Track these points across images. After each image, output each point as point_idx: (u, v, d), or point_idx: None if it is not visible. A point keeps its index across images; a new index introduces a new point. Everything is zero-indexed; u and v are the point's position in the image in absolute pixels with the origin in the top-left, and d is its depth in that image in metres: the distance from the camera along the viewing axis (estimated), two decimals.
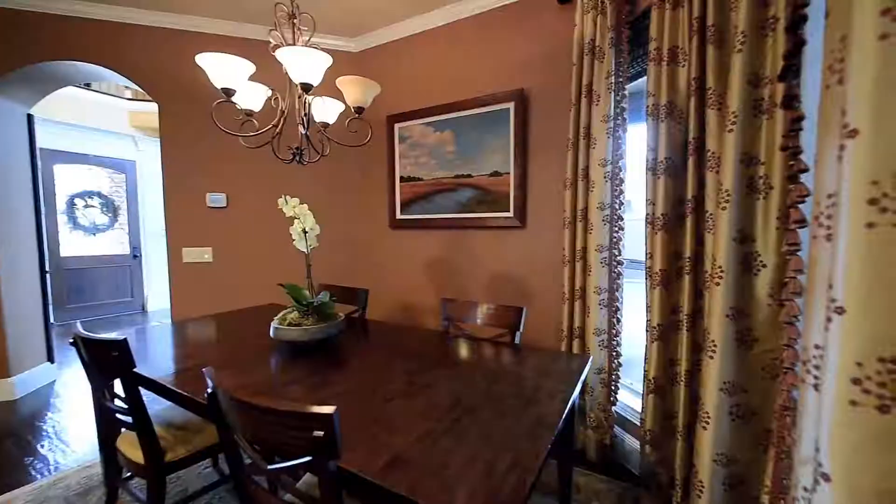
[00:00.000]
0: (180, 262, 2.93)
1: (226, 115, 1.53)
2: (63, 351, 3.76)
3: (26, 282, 2.97)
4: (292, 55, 1.24)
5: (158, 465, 1.34)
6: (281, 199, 1.47)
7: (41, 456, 2.12)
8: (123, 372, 1.27)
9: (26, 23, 2.61)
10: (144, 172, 5.70)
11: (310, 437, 0.75)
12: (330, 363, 1.44)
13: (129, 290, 5.74)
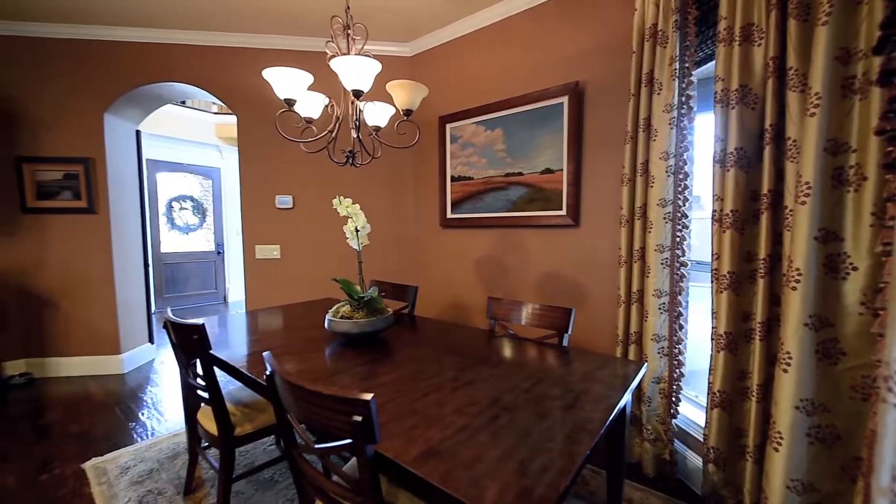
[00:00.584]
0: (254, 257, 3.24)
1: (288, 124, 1.67)
2: (161, 333, 4.35)
3: (133, 274, 3.48)
4: (345, 64, 1.33)
5: (229, 437, 1.50)
6: (335, 200, 1.57)
7: (141, 422, 2.48)
8: (201, 353, 1.44)
9: (135, 52, 3.06)
10: (227, 178, 6.37)
11: (350, 420, 0.79)
12: (377, 355, 1.51)
13: (213, 283, 6.45)
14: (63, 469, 1.97)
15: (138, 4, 2.66)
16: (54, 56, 3.01)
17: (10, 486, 1.84)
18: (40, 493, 1.79)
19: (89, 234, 3.17)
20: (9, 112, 2.99)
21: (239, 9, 2.70)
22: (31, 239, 3.10)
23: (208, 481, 1.84)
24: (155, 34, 3.02)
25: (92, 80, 3.05)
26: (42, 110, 3.05)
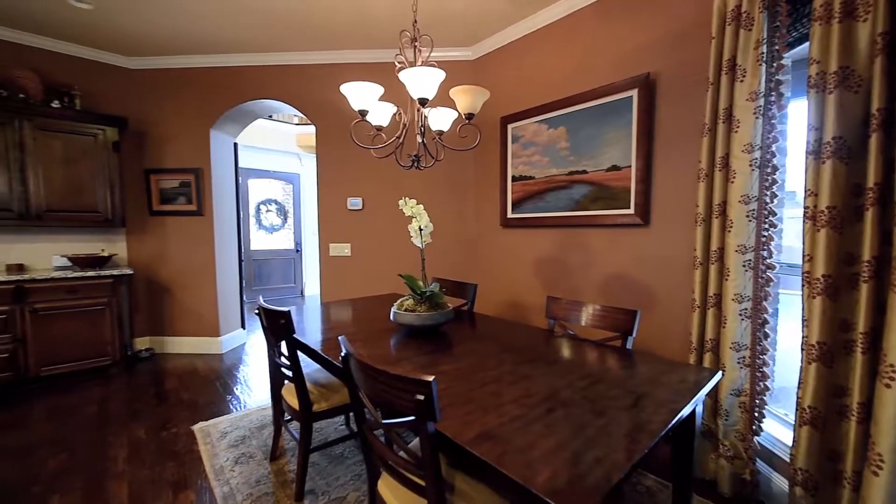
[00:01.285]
0: (328, 255, 3.55)
1: (361, 132, 1.83)
2: (250, 320, 4.94)
3: (230, 268, 4.00)
4: (412, 75, 1.43)
5: (308, 412, 1.69)
6: (401, 201, 1.69)
7: (236, 396, 2.85)
8: (287, 336, 1.64)
9: (235, 75, 3.52)
10: (305, 183, 6.99)
11: (413, 399, 0.88)
12: (437, 346, 1.60)
13: (292, 278, 7.12)
14: (178, 429, 2.36)
15: (238, 36, 3.07)
16: (173, 83, 3.59)
17: (142, 438, 2.25)
18: (162, 446, 2.17)
19: (197, 233, 3.72)
20: (141, 132, 3.63)
21: (320, 30, 2.98)
22: (155, 237, 3.72)
23: (289, 451, 2.08)
24: (250, 58, 3.45)
25: (201, 102, 3.58)
26: (163, 129, 3.64)
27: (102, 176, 3.29)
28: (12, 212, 2.97)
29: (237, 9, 2.72)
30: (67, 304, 3.02)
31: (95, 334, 3.15)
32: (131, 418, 2.49)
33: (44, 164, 3.05)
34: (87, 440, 2.23)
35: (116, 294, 3.22)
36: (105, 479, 1.88)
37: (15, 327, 2.84)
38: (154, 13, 2.79)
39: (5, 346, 2.81)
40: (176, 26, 2.97)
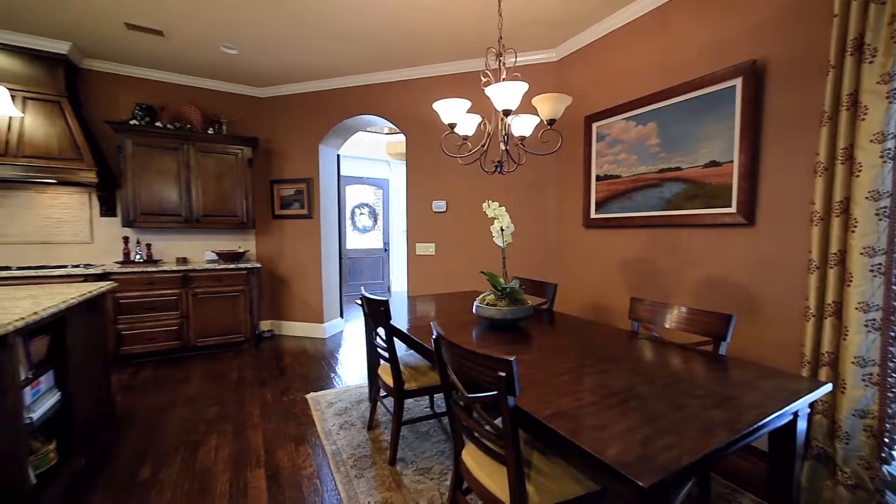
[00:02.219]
0: (415, 254, 3.86)
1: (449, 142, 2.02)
2: (348, 310, 5.56)
3: (331, 265, 4.57)
4: (497, 90, 1.56)
5: (401, 389, 1.94)
6: (485, 203, 1.84)
7: (337, 374, 3.29)
8: (385, 322, 1.90)
9: (340, 95, 4.03)
10: (394, 188, 7.57)
11: (496, 375, 1.01)
12: (516, 339, 1.71)
13: (381, 275, 7.75)
14: (295, 396, 2.82)
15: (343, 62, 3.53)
16: (291, 107, 4.24)
17: (269, 400, 2.75)
18: (283, 409, 2.62)
19: (307, 234, 4.33)
20: (268, 149, 4.35)
21: (412, 49, 3.29)
22: (276, 236, 4.43)
23: (383, 423, 2.37)
24: (352, 80, 3.93)
25: (312, 121, 4.17)
26: (283, 146, 4.32)
27: (240, 187, 4.03)
28: (181, 216, 3.82)
29: (345, 42, 3.15)
30: (215, 289, 3.78)
31: (234, 315, 3.88)
32: (260, 385, 3.05)
33: (202, 179, 3.87)
34: (231, 398, 2.80)
35: (249, 283, 3.93)
36: (246, 428, 2.36)
37: (181, 306, 3.66)
38: (281, 51, 3.37)
39: (175, 320, 3.64)
40: (296, 60, 3.54)
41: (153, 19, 2.88)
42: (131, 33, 3.08)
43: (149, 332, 3.53)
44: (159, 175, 3.71)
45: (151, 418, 2.49)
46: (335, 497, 1.75)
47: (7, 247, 3.44)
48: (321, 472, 1.94)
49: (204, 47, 3.32)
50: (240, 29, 3.01)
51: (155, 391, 2.92)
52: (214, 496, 1.76)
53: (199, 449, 2.13)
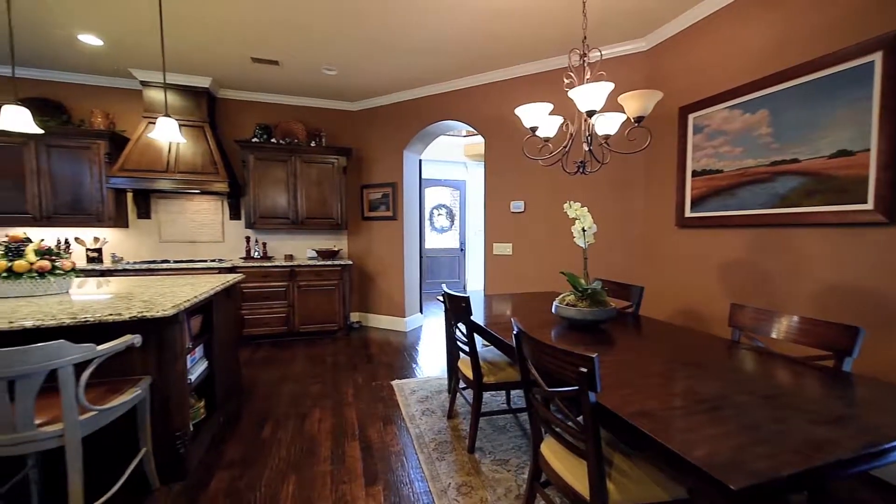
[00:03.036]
0: (492, 254, 3.94)
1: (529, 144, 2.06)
2: (427, 306, 5.86)
3: (413, 263, 4.86)
4: (581, 93, 1.57)
5: (480, 382, 2.04)
6: (566, 204, 1.85)
7: (418, 364, 3.52)
8: (466, 318, 2.02)
9: (422, 104, 4.28)
10: (470, 189, 7.73)
11: (577, 371, 1.05)
12: (597, 340, 1.70)
13: (457, 274, 7.97)
14: (382, 382, 3.10)
15: (423, 73, 3.75)
16: (378, 117, 4.61)
17: (360, 384, 3.06)
18: (372, 392, 2.90)
19: (391, 234, 4.67)
20: (359, 157, 4.80)
21: (491, 53, 3.38)
22: (364, 236, 4.86)
23: (461, 414, 2.50)
24: (433, 88, 4.15)
25: (397, 129, 4.49)
26: (372, 153, 4.72)
27: (335, 192, 4.51)
28: (288, 219, 4.41)
29: (426, 55, 3.35)
30: (315, 283, 4.29)
31: (329, 307, 4.36)
32: (352, 370, 3.40)
33: (305, 185, 4.41)
34: (329, 378, 3.18)
35: (342, 278, 4.37)
36: (342, 405, 2.67)
37: (288, 297, 4.22)
38: (371, 69, 3.71)
39: (283, 309, 4.21)
40: (384, 75, 3.86)
41: (272, 52, 3.39)
42: (255, 65, 3.66)
43: (264, 318, 4.14)
44: (273, 184, 4.32)
45: (268, 389, 2.95)
46: (419, 474, 1.91)
47: (168, 244, 4.32)
48: (406, 450, 2.12)
49: (309, 71, 3.80)
50: (338, 53, 3.39)
51: (269, 367, 3.44)
52: (320, 458, 2.04)
53: (306, 419, 2.48)
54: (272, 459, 2.03)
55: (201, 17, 2.83)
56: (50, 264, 1.89)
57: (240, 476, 1.90)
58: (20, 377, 1.18)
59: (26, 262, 1.82)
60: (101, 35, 3.12)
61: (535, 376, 1.31)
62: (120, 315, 1.53)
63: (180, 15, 2.81)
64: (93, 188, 3.82)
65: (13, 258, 1.82)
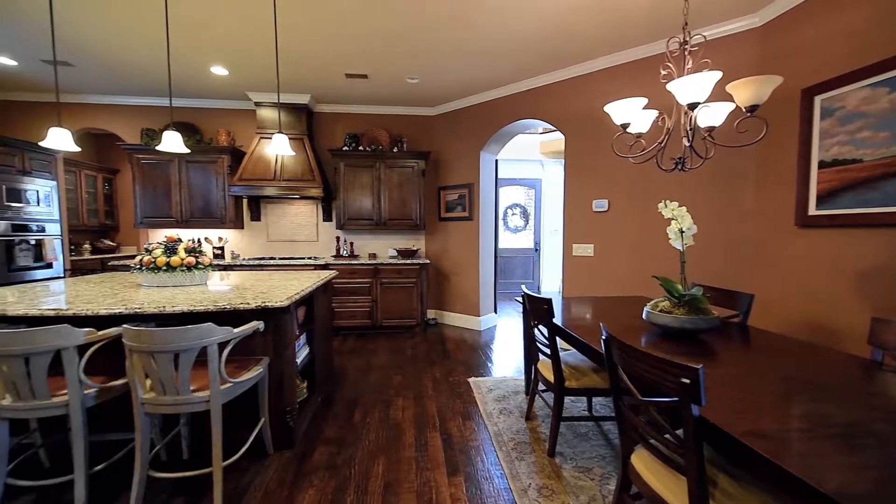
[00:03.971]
0: (571, 254, 3.81)
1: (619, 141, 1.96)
2: (502, 306, 5.86)
3: (488, 262, 4.89)
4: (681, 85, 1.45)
5: (562, 387, 2.00)
6: (661, 204, 1.73)
7: (493, 363, 3.55)
8: (547, 320, 2.00)
9: (497, 105, 4.30)
10: (546, 187, 7.53)
11: (678, 382, 1.00)
12: (694, 351, 1.56)
13: (531, 274, 7.82)
14: (458, 378, 3.19)
15: (500, 74, 3.76)
16: (456, 121, 4.73)
17: (438, 378, 3.19)
18: (450, 387, 3.01)
19: (467, 234, 4.76)
20: (437, 160, 4.98)
21: (571, 48, 3.27)
22: (441, 237, 5.03)
23: (540, 416, 2.47)
24: (508, 89, 4.14)
25: (474, 131, 4.56)
26: (449, 156, 4.86)
27: (415, 194, 4.74)
28: (372, 220, 4.74)
29: (503, 55, 3.36)
30: (396, 280, 4.55)
31: (408, 303, 4.60)
32: (430, 364, 3.55)
33: (388, 189, 4.70)
34: (410, 370, 3.37)
35: (420, 277, 4.58)
36: (422, 397, 2.81)
37: (372, 293, 4.54)
38: (450, 74, 3.82)
39: (367, 303, 4.54)
40: (461, 79, 3.95)
41: (362, 67, 3.69)
42: (347, 80, 4.01)
43: (350, 311, 4.52)
44: (360, 188, 4.69)
45: (356, 376, 3.22)
46: (499, 470, 1.95)
47: (273, 243, 4.94)
48: (485, 446, 2.17)
49: (394, 82, 4.05)
50: (421, 62, 3.56)
51: (356, 356, 3.74)
52: (405, 444, 2.19)
53: (391, 406, 2.66)
54: (363, 441, 2.23)
55: (307, 44, 3.19)
56: (195, 260, 2.30)
57: (337, 452, 2.12)
58: (183, 351, 1.47)
59: (179, 258, 2.25)
60: (227, 66, 3.69)
61: (626, 384, 1.26)
62: (248, 304, 1.82)
63: (290, 46, 3.20)
64: (218, 196, 4.52)
65: (170, 255, 2.25)
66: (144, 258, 2.23)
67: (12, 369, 1.43)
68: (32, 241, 4.22)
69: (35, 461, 1.94)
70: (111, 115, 4.65)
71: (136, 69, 3.79)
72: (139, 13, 2.77)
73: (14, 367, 1.43)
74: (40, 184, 4.29)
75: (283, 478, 1.89)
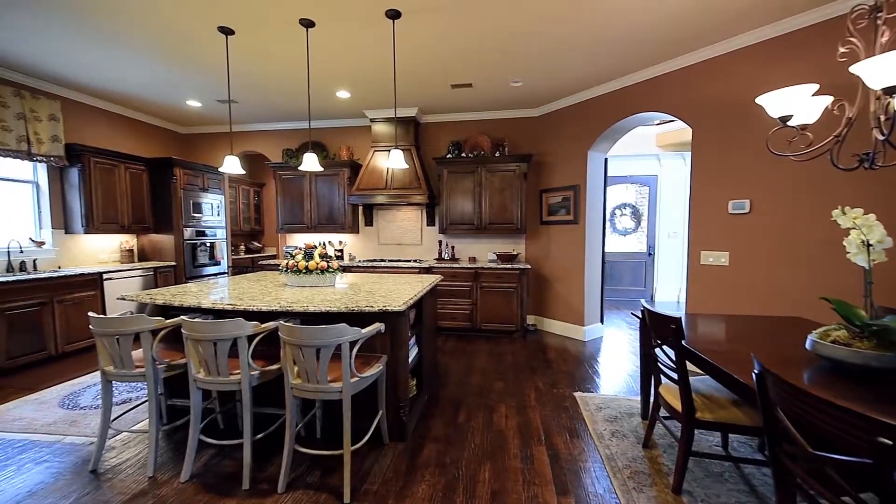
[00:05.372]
0: (697, 262, 3.35)
1: (776, 137, 1.65)
2: (608, 315, 5.45)
3: (594, 268, 4.58)
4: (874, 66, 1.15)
5: (691, 417, 1.77)
6: (836, 210, 1.41)
7: (600, 377, 3.31)
8: (675, 342, 1.79)
9: (607, 100, 3.99)
10: (663, 184, 6.74)
11: (872, 441, 0.80)
12: (887, 398, 1.23)
13: (642, 281, 7.08)
14: (563, 391, 3.06)
15: (610, 65, 3.48)
16: (561, 120, 4.54)
17: (540, 388, 3.10)
18: (554, 400, 2.90)
19: (571, 238, 4.53)
20: (539, 162, 4.85)
21: (700, 28, 2.86)
22: (542, 240, 4.88)
23: (661, 445, 2.23)
24: (621, 81, 3.80)
25: (581, 130, 4.32)
26: (553, 157, 4.69)
27: (516, 198, 4.69)
28: (473, 225, 4.83)
29: (618, 42, 3.10)
30: (495, 285, 4.57)
31: (507, 308, 4.57)
32: (531, 372, 3.47)
33: (489, 193, 4.75)
34: (511, 377, 3.34)
35: (520, 282, 4.51)
36: (526, 407, 2.77)
37: (472, 296, 4.63)
38: (555, 72, 3.68)
39: (467, 307, 4.64)
40: (566, 77, 3.77)
41: (467, 77, 3.79)
42: (452, 91, 4.16)
43: (451, 312, 4.68)
44: (461, 193, 4.82)
45: (458, 378, 3.32)
46: (614, 498, 1.81)
47: (383, 246, 5.39)
48: (595, 469, 2.04)
49: (497, 87, 4.08)
50: (525, 65, 3.51)
51: (457, 357, 3.86)
52: (510, 453, 2.18)
53: (493, 413, 2.68)
54: (469, 444, 2.29)
55: (417, 62, 3.41)
56: (326, 264, 2.64)
57: (444, 451, 2.21)
58: (323, 347, 1.70)
59: (315, 263, 2.60)
60: (350, 89, 4.15)
61: (790, 432, 1.06)
62: (372, 308, 2.02)
63: (403, 65, 3.46)
64: (339, 204, 5.11)
65: (308, 260, 2.62)
66: (290, 262, 2.63)
67: (206, 351, 1.82)
68: (208, 244, 5.32)
69: (213, 423, 2.45)
70: (261, 139, 5.61)
71: (282, 100, 4.50)
72: (288, 56, 3.29)
73: (207, 349, 1.82)
74: (213, 198, 5.40)
75: (399, 468, 2.05)
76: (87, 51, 3.24)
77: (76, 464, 2.08)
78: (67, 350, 3.75)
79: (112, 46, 3.16)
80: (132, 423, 2.48)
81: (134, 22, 2.77)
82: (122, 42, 3.08)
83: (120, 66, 3.55)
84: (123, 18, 2.72)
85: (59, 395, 2.96)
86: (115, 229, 4.49)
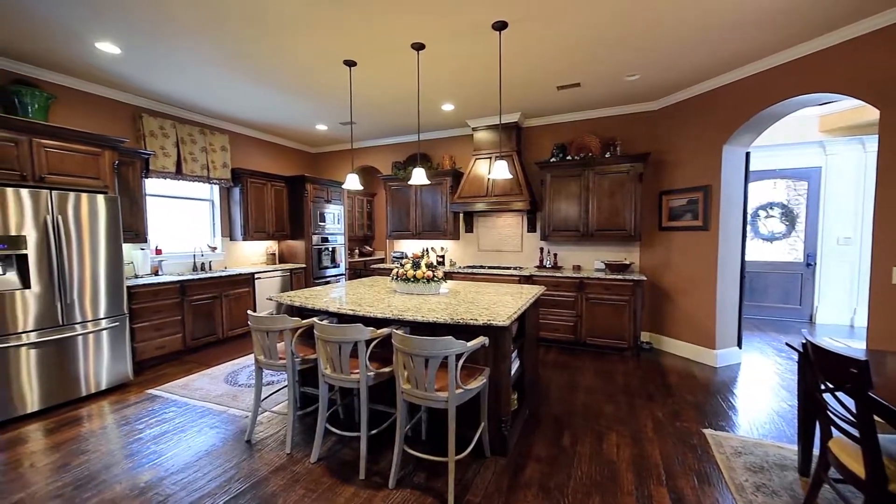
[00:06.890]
0: (886, 281, 2.59)
1: None
2: (748, 338, 4.59)
3: (729, 282, 3.89)
4: None
5: (881, 488, 1.37)
6: None
7: (736, 413, 2.77)
8: (857, 391, 1.40)
9: (750, 85, 3.35)
10: (829, 178, 5.42)
11: None
12: None
13: (797, 298, 5.78)
14: (689, 425, 2.65)
15: (748, 46, 2.90)
16: (686, 112, 3.97)
17: (659, 419, 2.75)
18: (677, 435, 2.53)
19: (700, 246, 3.93)
20: (658, 161, 4.33)
21: None
22: (661, 249, 4.34)
23: None
24: (766, 62, 3.15)
25: (714, 121, 3.72)
26: (676, 155, 4.13)
27: (628, 202, 4.26)
28: (578, 231, 4.54)
29: (763, 12, 2.58)
30: (604, 296, 4.21)
31: (618, 322, 4.17)
32: (647, 399, 3.10)
33: (597, 197, 4.41)
34: (623, 401, 3.04)
35: (634, 294, 4.08)
36: (641, 438, 2.48)
37: (576, 307, 4.35)
38: (683, 57, 3.23)
39: (572, 318, 4.38)
40: (700, 57, 3.28)
41: (574, 78, 3.60)
42: (558, 92, 3.99)
43: (553, 323, 4.46)
44: (566, 198, 4.58)
45: (561, 394, 3.14)
46: None
47: (483, 252, 5.43)
48: None
49: (610, 83, 3.77)
50: (640, 55, 3.16)
51: (560, 372, 3.66)
52: (623, 490, 1.98)
53: (603, 440, 2.47)
54: (576, 471, 2.14)
55: (520, 68, 3.35)
56: (432, 274, 2.76)
57: (548, 473, 2.11)
58: (431, 357, 1.78)
59: (422, 272, 2.75)
60: (454, 102, 4.29)
61: None
62: (476, 321, 2.04)
63: (509, 73, 3.44)
64: (442, 211, 5.32)
65: (416, 269, 2.77)
66: (399, 271, 2.83)
67: (332, 351, 2.06)
68: (330, 249, 6.06)
69: (335, 413, 2.75)
70: (373, 154, 6.18)
71: (393, 118, 4.89)
72: (400, 78, 3.56)
73: (333, 350, 2.06)
74: (334, 208, 6.12)
75: (500, 484, 2.03)
76: (247, 93, 3.99)
77: (236, 433, 2.55)
78: (230, 335, 4.64)
79: (263, 86, 3.82)
80: (273, 405, 2.95)
81: (279, 67, 3.31)
82: (268, 84, 3.71)
83: (268, 101, 4.28)
84: (267, 63, 3.27)
85: (224, 371, 3.68)
86: (263, 237, 5.42)
